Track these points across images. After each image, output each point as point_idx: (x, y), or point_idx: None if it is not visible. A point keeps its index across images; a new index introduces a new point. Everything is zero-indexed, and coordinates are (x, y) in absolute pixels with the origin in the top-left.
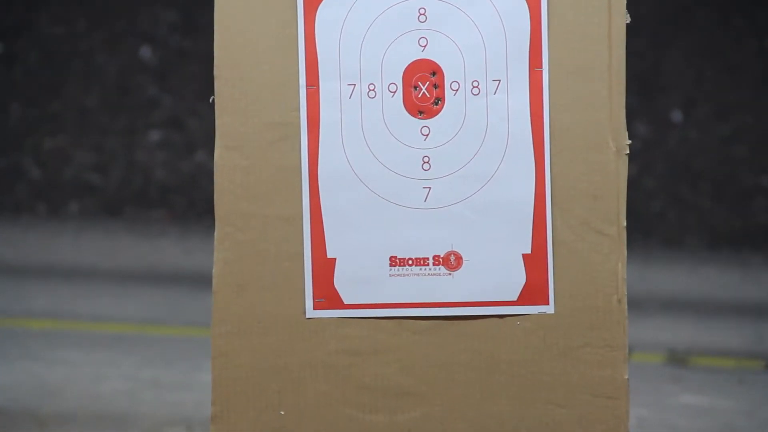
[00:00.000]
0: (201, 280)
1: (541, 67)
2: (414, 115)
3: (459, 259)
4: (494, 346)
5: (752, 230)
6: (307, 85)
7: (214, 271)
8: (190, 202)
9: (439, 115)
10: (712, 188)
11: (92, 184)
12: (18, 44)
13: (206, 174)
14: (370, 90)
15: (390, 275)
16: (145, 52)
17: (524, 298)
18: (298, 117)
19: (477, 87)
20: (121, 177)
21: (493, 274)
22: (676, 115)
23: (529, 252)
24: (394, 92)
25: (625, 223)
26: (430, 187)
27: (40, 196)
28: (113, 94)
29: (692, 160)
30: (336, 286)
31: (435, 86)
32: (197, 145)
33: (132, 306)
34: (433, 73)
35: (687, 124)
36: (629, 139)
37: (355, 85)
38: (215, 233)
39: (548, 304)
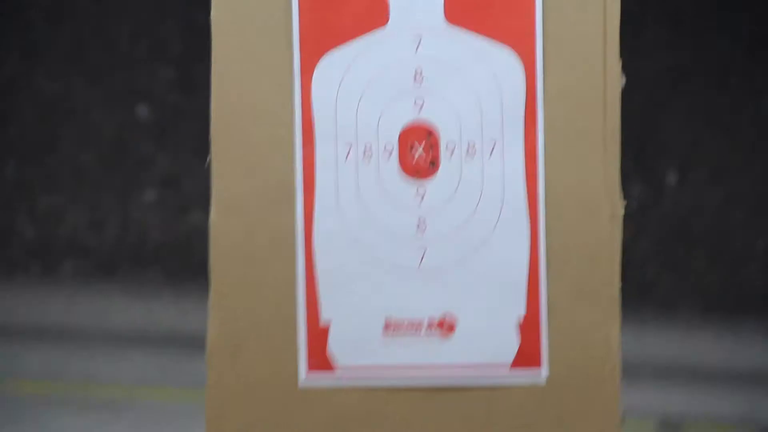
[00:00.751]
0: (195, 343)
1: (537, 130)
2: (410, 177)
3: (453, 322)
4: (488, 411)
5: (746, 296)
6: (303, 147)
7: (208, 335)
8: (184, 262)
9: (435, 176)
10: (706, 253)
11: (86, 244)
12: (13, 101)
13: (202, 234)
14: (366, 151)
15: (384, 339)
16: (142, 109)
17: (518, 363)
18: (294, 178)
19: (472, 149)
20: (115, 236)
21: (487, 339)
22: (671, 178)
23: (523, 317)
24: (390, 154)
25: (619, 288)
26: (425, 250)
27: (34, 256)
28: (109, 152)
29: (687, 224)
30: (330, 350)
31: (431, 148)
32: (193, 205)
33: (125, 368)
34: (429, 135)
35: (682, 187)
36: (624, 202)
37: (351, 146)
38: (209, 296)
39: (541, 369)
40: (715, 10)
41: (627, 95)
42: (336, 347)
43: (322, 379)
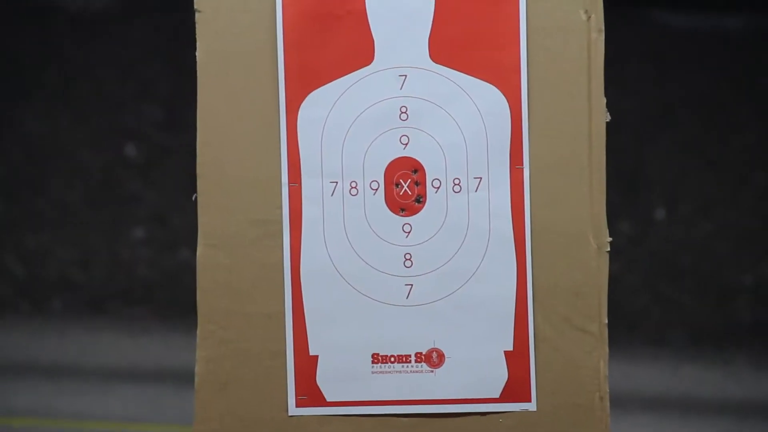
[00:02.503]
0: (184, 378)
1: (522, 165)
2: (396, 213)
3: (441, 356)
4: None
5: (735, 328)
6: (289, 183)
7: (196, 369)
8: (173, 298)
9: (421, 212)
10: (695, 286)
11: (75, 281)
12: (1, 141)
13: (190, 271)
14: (352, 187)
15: (372, 372)
16: (130, 148)
17: (506, 395)
18: (281, 214)
19: (458, 184)
20: (104, 273)
21: (476, 371)
22: (660, 212)
23: (511, 349)
24: (376, 190)
25: (606, 321)
26: (412, 284)
27: (23, 294)
28: (97, 191)
29: (675, 258)
30: (318, 383)
31: (417, 183)
32: (181, 242)
33: (114, 403)
34: (415, 171)
35: (670, 221)
36: (612, 236)
37: (337, 182)
38: (197, 331)
39: (530, 401)
40: (699, 45)
41: (614, 131)
42: (324, 382)
43: (311, 412)
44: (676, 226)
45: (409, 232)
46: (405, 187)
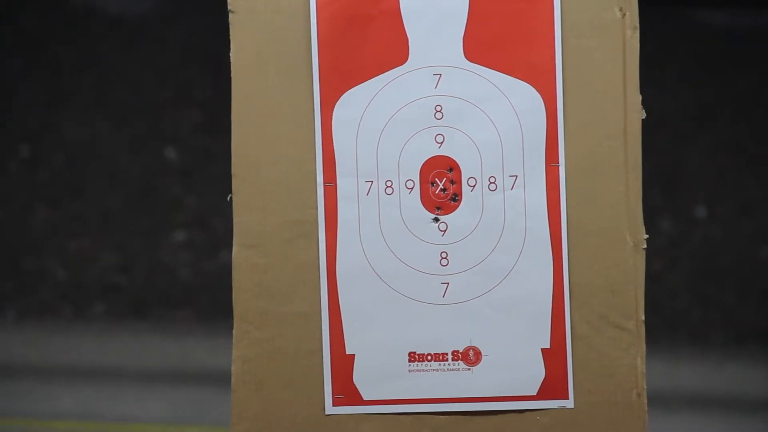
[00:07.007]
0: (226, 380)
1: (558, 163)
2: (431, 211)
3: (478, 354)
4: None
5: None
6: (324, 183)
7: (232, 368)
8: (215, 301)
9: (457, 210)
10: (736, 285)
11: (117, 285)
12: (42, 147)
13: (231, 273)
14: (387, 186)
15: (409, 371)
16: (169, 152)
17: (544, 393)
18: (316, 214)
19: (494, 183)
20: (145, 277)
21: (513, 369)
22: (700, 211)
23: (548, 346)
24: (411, 188)
25: (643, 318)
26: (448, 283)
27: (66, 298)
28: (137, 195)
29: (717, 256)
30: (355, 382)
31: (452, 182)
32: (222, 245)
33: (157, 406)
34: (450, 169)
35: (711, 220)
36: (652, 235)
37: (372, 181)
38: (234, 331)
39: (568, 398)
40: (739, 44)
41: (653, 131)
42: (361, 381)
43: (348, 411)
44: (717, 224)
45: (444, 231)
46: (440, 185)
